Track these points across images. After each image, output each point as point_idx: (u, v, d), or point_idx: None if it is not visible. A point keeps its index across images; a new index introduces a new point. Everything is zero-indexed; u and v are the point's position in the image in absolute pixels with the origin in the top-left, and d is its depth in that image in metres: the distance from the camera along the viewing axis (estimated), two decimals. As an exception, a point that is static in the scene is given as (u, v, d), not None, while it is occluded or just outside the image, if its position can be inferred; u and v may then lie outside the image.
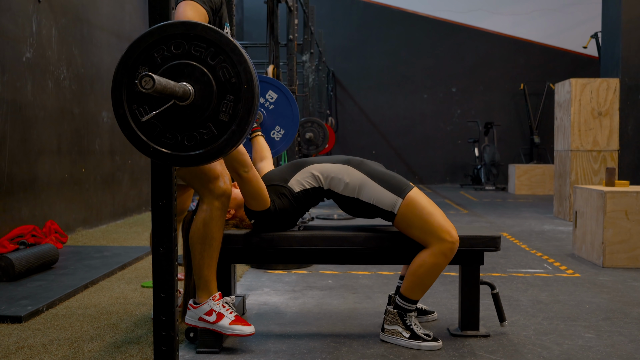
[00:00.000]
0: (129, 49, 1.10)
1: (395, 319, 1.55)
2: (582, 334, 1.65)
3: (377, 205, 1.53)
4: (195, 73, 1.08)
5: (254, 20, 8.04)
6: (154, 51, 1.09)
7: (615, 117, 4.08)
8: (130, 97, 1.11)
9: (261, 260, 1.64)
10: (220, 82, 1.09)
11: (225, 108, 1.09)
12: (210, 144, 1.10)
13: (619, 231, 2.58)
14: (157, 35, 1.08)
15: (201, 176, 1.46)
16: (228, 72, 1.09)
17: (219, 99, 1.09)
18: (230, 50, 1.08)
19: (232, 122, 1.09)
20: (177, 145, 1.11)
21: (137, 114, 1.10)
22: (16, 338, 1.59)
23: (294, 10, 2.78)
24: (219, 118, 1.10)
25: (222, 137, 1.10)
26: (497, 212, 4.75)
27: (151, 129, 1.11)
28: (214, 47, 1.08)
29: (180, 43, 1.09)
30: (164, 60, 1.09)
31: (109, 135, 4.02)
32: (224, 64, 1.08)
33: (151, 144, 1.11)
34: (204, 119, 1.10)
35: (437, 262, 1.50)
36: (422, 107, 8.13)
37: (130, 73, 1.10)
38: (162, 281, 1.16)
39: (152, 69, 1.10)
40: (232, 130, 1.09)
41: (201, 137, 1.11)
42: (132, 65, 1.09)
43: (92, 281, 2.18)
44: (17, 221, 2.85)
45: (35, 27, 3.10)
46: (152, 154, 1.12)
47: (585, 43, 7.00)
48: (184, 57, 1.08)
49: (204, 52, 1.09)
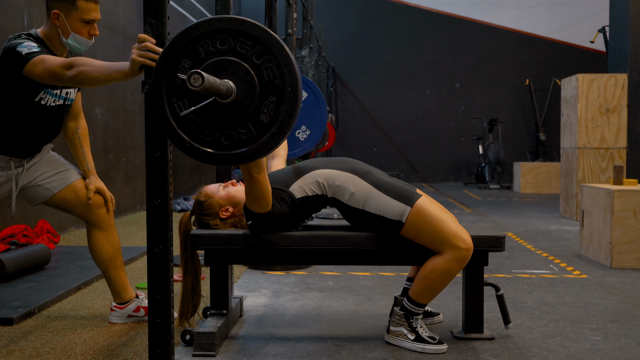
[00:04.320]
0: (173, 40, 1.07)
1: (401, 321, 1.53)
2: (590, 337, 1.62)
3: (384, 216, 1.49)
4: (239, 71, 1.06)
5: (251, 14, 7.98)
6: (198, 45, 1.07)
7: (623, 114, 4.01)
8: (170, 90, 1.08)
9: (259, 261, 1.61)
10: (264, 82, 1.07)
11: (267, 109, 1.08)
12: (248, 145, 1.08)
13: (627, 231, 2.53)
14: (203, 29, 1.06)
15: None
16: (272, 72, 1.07)
17: (260, 100, 1.08)
18: (276, 50, 1.06)
19: (272, 124, 1.07)
20: (214, 143, 1.09)
21: (176, 108, 1.07)
22: (7, 341, 1.56)
23: (292, 3, 2.73)
24: (259, 119, 1.08)
25: (261, 139, 1.08)
26: (502, 211, 4.70)
27: (189, 124, 1.09)
28: (260, 45, 1.06)
29: (226, 39, 1.07)
30: (208, 54, 1.07)
31: (103, 132, 3.97)
32: (269, 64, 1.07)
33: (187, 140, 1.09)
34: (244, 119, 1.08)
35: (449, 268, 1.47)
36: (424, 104, 8.06)
37: (172, 65, 1.07)
38: (157, 282, 1.14)
39: (195, 63, 1.07)
40: (272, 133, 1.07)
41: (239, 137, 1.09)
42: (176, 58, 1.07)
43: (85, 282, 2.15)
44: (7, 221, 2.81)
45: (26, 21, 3.06)
46: (187, 150, 1.09)
47: (592, 37, 6.91)
48: (228, 54, 1.07)
49: (249, 50, 1.07)
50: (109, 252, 1.69)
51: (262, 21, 3.99)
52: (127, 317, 1.72)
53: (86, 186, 1.68)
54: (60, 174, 1.68)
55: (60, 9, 1.53)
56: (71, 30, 1.54)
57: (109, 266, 1.70)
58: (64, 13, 1.53)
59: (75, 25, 1.53)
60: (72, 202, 1.68)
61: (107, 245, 1.69)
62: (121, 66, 1.24)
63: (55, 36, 1.56)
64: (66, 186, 1.67)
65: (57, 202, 1.68)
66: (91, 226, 1.70)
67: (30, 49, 1.45)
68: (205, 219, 1.62)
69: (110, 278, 1.71)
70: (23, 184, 1.64)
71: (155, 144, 1.13)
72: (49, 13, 1.55)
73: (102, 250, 1.69)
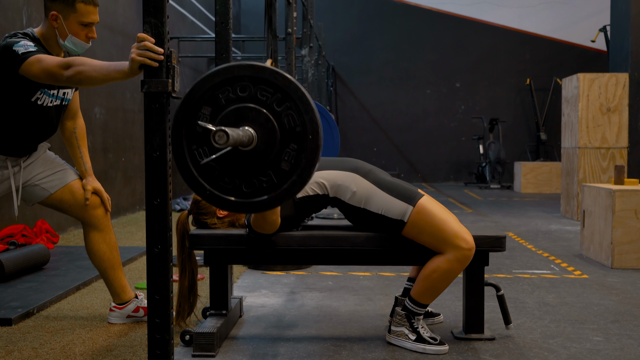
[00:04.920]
0: (193, 87, 1.07)
1: (402, 321, 1.53)
2: (590, 337, 1.61)
3: (386, 215, 1.49)
4: (260, 118, 1.06)
5: (251, 13, 7.98)
6: (218, 92, 1.07)
7: (624, 113, 4.00)
8: (190, 137, 1.08)
9: (259, 261, 1.60)
10: (285, 130, 1.07)
11: (288, 157, 1.08)
12: (268, 192, 1.08)
13: (628, 231, 2.52)
14: (223, 76, 1.07)
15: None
16: (293, 119, 1.07)
17: (281, 147, 1.08)
18: (297, 97, 1.06)
19: (293, 172, 1.07)
20: (235, 191, 1.09)
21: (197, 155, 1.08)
22: (6, 341, 1.55)
23: (292, 2, 2.72)
24: (280, 166, 1.08)
25: (282, 187, 1.08)
26: (503, 211, 4.69)
27: (209, 172, 1.09)
28: (281, 92, 1.06)
29: (247, 86, 1.07)
30: (229, 101, 1.07)
31: (102, 131, 3.96)
32: (290, 111, 1.07)
33: (208, 187, 1.09)
34: (265, 166, 1.08)
35: (451, 268, 1.47)
36: (425, 103, 8.04)
37: (192, 112, 1.07)
38: (157, 282, 1.13)
39: (216, 110, 1.07)
40: (293, 181, 1.07)
41: (260, 185, 1.09)
42: (196, 104, 1.07)
43: (85, 282, 2.15)
44: (6, 220, 2.80)
45: (25, 20, 3.05)
46: (208, 197, 1.10)
47: (593, 37, 6.89)
48: (249, 101, 1.07)
49: (270, 97, 1.07)
50: (106, 252, 1.69)
51: (262, 20, 3.92)
52: (127, 318, 1.72)
53: (83, 187, 1.68)
54: (57, 174, 1.67)
55: (59, 10, 1.51)
56: (69, 33, 1.52)
57: (107, 267, 1.70)
58: (62, 15, 1.51)
59: (73, 27, 1.52)
60: (69, 203, 1.67)
61: (104, 246, 1.69)
62: (120, 66, 1.23)
63: (52, 37, 1.55)
64: (63, 186, 1.66)
65: (53, 202, 1.67)
66: (88, 227, 1.69)
67: (27, 49, 1.44)
68: (203, 218, 1.62)
69: (108, 279, 1.71)
70: (20, 183, 1.63)
71: (154, 143, 1.12)
72: (47, 14, 1.54)
73: (100, 251, 1.68)
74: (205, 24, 6.48)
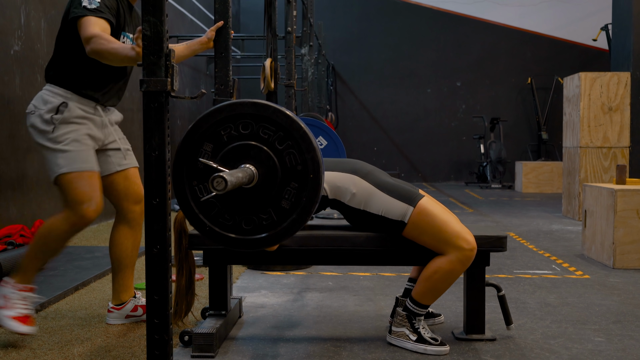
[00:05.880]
0: (195, 123, 1.08)
1: (403, 322, 1.52)
2: (592, 338, 1.60)
3: (386, 216, 1.48)
4: (261, 156, 1.07)
5: (250, 11, 7.96)
6: (220, 129, 1.08)
7: (626, 113, 3.98)
8: (191, 173, 1.09)
9: (258, 261, 1.60)
10: (286, 168, 1.07)
11: (288, 195, 1.08)
12: (268, 230, 1.08)
13: (630, 231, 2.51)
14: (225, 113, 1.07)
15: (67, 197, 1.51)
16: (295, 158, 1.07)
17: (282, 185, 1.08)
18: (299, 136, 1.06)
19: (293, 211, 1.07)
20: (235, 228, 1.09)
21: (197, 191, 1.09)
22: (4, 341, 1.55)
23: (292, 1, 2.70)
24: (280, 204, 1.08)
25: (282, 225, 1.08)
26: (504, 211, 4.68)
27: (210, 208, 1.09)
28: (283, 131, 1.07)
29: (249, 123, 1.07)
30: (230, 139, 1.08)
31: (102, 131, 3.96)
32: (292, 149, 1.07)
33: (208, 223, 1.09)
34: (265, 204, 1.08)
35: (453, 269, 1.46)
36: (425, 102, 8.03)
37: (194, 148, 1.08)
38: (156, 283, 1.13)
39: (218, 147, 1.08)
40: (293, 219, 1.07)
41: (260, 222, 1.09)
42: (198, 141, 1.08)
43: (83, 282, 2.14)
44: (4, 220, 2.80)
45: (23, 19, 3.04)
46: (207, 233, 1.10)
47: (595, 35, 6.87)
48: (251, 138, 1.07)
49: (272, 135, 1.07)
50: (128, 249, 1.66)
51: (261, 19, 3.90)
52: (125, 318, 1.71)
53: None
54: (129, 153, 1.66)
55: None
56: None
57: (124, 264, 1.67)
58: None
59: None
60: (117, 188, 1.62)
61: (129, 243, 1.66)
62: (130, 52, 1.35)
63: None
64: (125, 169, 1.63)
65: (106, 180, 1.61)
66: (122, 219, 1.65)
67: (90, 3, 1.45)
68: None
69: (119, 275, 1.68)
70: (107, 141, 1.60)
71: (153, 143, 1.11)
72: None
73: (123, 245, 1.66)
74: (205, 22, 6.46)
